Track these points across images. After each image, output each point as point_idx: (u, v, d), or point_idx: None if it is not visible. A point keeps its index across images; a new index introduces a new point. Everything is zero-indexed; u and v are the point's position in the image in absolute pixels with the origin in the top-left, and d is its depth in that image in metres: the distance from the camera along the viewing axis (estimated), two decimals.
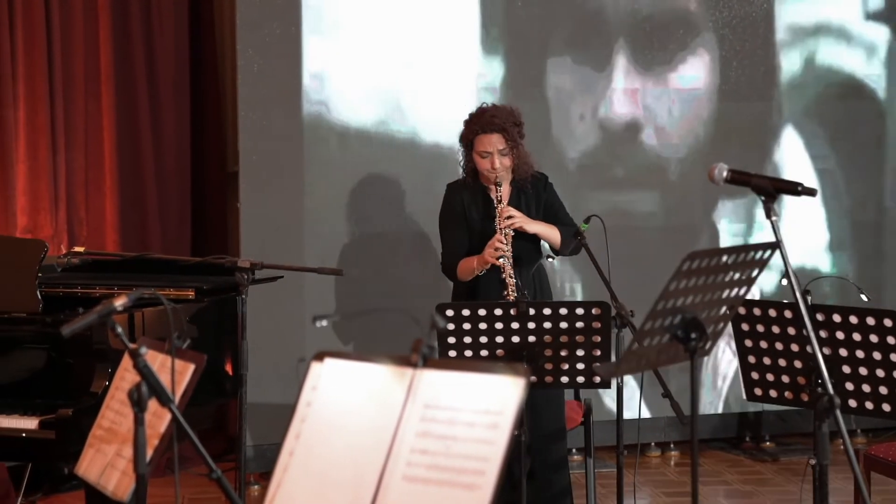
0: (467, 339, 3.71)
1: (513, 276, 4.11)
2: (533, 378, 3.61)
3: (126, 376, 2.64)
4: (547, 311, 3.69)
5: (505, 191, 4.32)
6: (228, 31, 6.00)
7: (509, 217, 4.18)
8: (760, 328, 3.31)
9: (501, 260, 4.12)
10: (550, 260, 4.22)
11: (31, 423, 3.49)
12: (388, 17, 5.66)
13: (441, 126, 5.73)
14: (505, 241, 4.14)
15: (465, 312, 3.70)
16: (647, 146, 6.01)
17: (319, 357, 2.16)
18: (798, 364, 3.27)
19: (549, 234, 4.27)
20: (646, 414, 5.70)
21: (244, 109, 5.47)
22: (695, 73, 6.05)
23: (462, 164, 4.39)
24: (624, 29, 5.94)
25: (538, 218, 4.31)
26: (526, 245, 4.27)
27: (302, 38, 5.53)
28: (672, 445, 6.05)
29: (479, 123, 4.28)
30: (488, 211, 4.29)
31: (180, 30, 6.04)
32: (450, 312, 3.71)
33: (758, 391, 3.37)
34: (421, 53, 5.71)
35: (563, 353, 3.70)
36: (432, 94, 5.71)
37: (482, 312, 3.70)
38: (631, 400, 3.99)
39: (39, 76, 5.46)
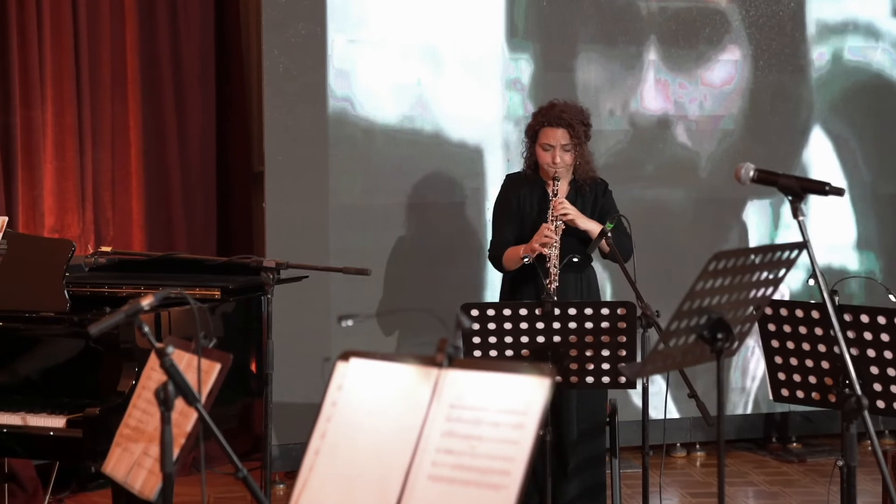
0: (492, 339, 3.71)
1: (557, 265, 4.10)
2: (558, 378, 3.61)
3: (153, 375, 2.66)
4: (572, 312, 3.68)
5: (563, 189, 4.32)
6: (254, 31, 6.02)
7: (563, 210, 4.18)
8: (787, 328, 3.29)
9: (547, 249, 4.12)
10: (575, 260, 4.20)
11: (58, 422, 3.51)
12: (413, 15, 5.66)
13: (467, 123, 5.74)
14: (554, 231, 4.14)
15: (491, 312, 3.70)
16: (678, 142, 5.99)
17: (345, 357, 2.16)
18: (825, 365, 3.24)
19: (595, 233, 4.20)
20: (671, 414, 5.68)
21: (269, 109, 5.49)
22: (724, 70, 6.02)
23: (524, 155, 4.39)
24: (654, 26, 5.92)
25: None
26: (576, 245, 4.23)
27: (327, 37, 5.54)
28: (698, 446, 6.02)
29: (546, 116, 4.30)
30: (544, 205, 4.27)
31: (206, 31, 6.06)
32: (475, 312, 3.71)
33: (784, 392, 3.35)
34: (446, 50, 5.71)
35: (588, 354, 3.69)
36: (458, 92, 5.71)
37: (507, 312, 3.70)
38: (656, 400, 3.98)
39: (67, 78, 5.50)
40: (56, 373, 3.69)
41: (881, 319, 3.18)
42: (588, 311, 3.68)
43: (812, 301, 3.28)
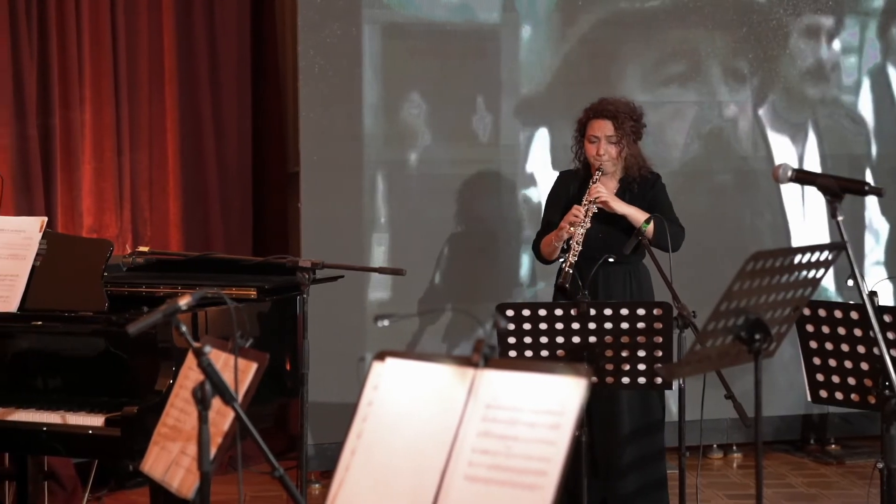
0: (528, 340, 3.70)
1: (580, 243, 4.10)
2: (594, 379, 3.60)
3: (190, 375, 2.67)
4: (608, 312, 3.66)
5: (611, 186, 4.32)
6: (290, 31, 6.04)
7: (596, 192, 4.18)
8: (826, 329, 3.26)
9: (572, 228, 4.11)
10: (611, 261, 4.17)
11: (97, 421, 3.53)
12: (450, 13, 5.66)
13: (505, 123, 5.73)
14: (583, 213, 4.14)
15: (526, 312, 3.69)
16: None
17: (381, 357, 2.17)
18: (864, 366, 3.21)
19: (639, 218, 4.20)
20: (708, 415, 5.64)
21: (305, 110, 5.50)
22: None
23: (574, 150, 4.40)
24: None
25: None
26: (620, 239, 4.20)
27: (363, 38, 5.55)
28: (735, 447, 5.98)
29: (593, 109, 4.34)
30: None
31: (242, 31, 6.09)
32: (510, 312, 3.70)
33: (823, 393, 3.32)
34: (484, 48, 5.71)
35: (624, 354, 3.68)
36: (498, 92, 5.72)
37: (543, 313, 3.69)
38: (693, 401, 3.95)
39: (105, 78, 5.54)
40: (95, 372, 3.72)
41: None
42: (624, 311, 3.66)
43: (851, 303, 3.25)
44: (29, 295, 3.81)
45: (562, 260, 4.19)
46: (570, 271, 4.09)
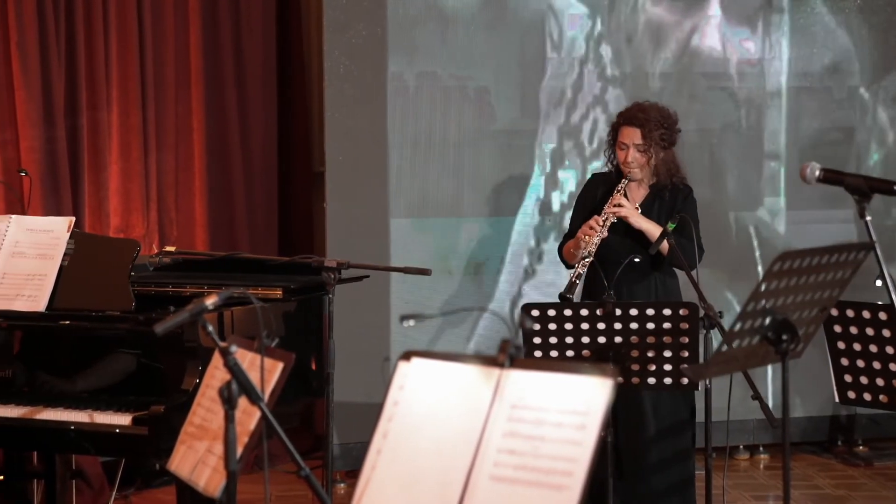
0: (553, 340, 3.69)
1: (592, 254, 4.07)
2: (619, 379, 3.58)
3: (216, 374, 2.68)
4: (634, 312, 3.65)
5: (641, 192, 4.29)
6: (315, 33, 6.06)
7: (617, 202, 4.16)
8: (854, 330, 3.24)
9: (588, 238, 4.09)
10: (637, 261, 4.15)
11: (124, 420, 3.55)
12: (474, 14, 5.66)
13: (531, 124, 5.73)
14: (602, 223, 4.11)
15: (551, 313, 3.69)
16: None
17: (407, 357, 2.17)
18: (893, 367, 3.18)
19: (656, 235, 4.11)
20: (734, 416, 5.61)
21: (330, 110, 5.52)
22: None
23: (607, 153, 4.38)
24: None
25: None
26: (635, 248, 4.16)
27: (388, 39, 5.55)
28: (761, 448, 5.95)
29: (624, 115, 4.31)
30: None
31: (268, 33, 6.11)
32: (535, 313, 3.69)
33: (851, 394, 3.30)
34: (510, 48, 5.70)
35: (650, 355, 3.66)
36: (521, 90, 5.72)
37: (568, 313, 3.68)
38: (719, 401, 3.93)
39: (132, 80, 5.57)
40: (122, 371, 3.74)
41: None
42: (650, 311, 3.65)
43: (879, 303, 3.22)
44: (57, 294, 3.83)
45: (573, 267, 4.13)
46: (576, 282, 4.02)
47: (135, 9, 5.57)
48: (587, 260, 4.09)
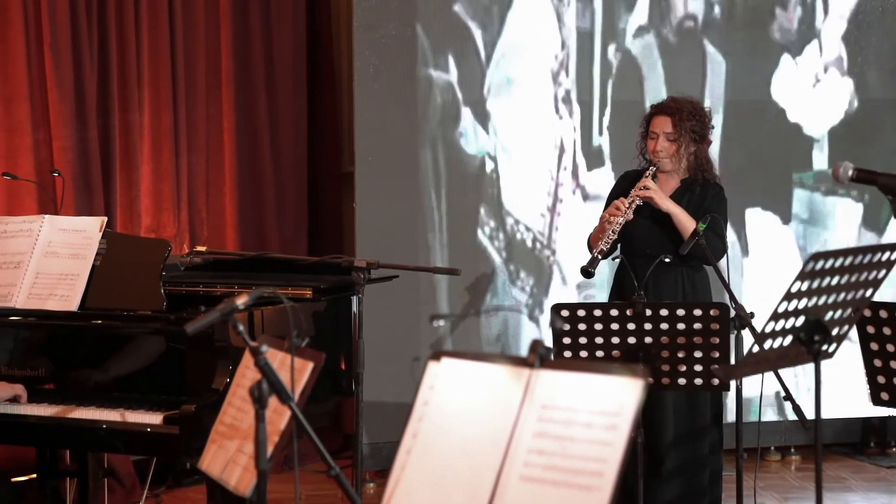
0: (583, 340, 3.68)
1: (615, 232, 4.08)
2: (650, 379, 3.56)
3: (247, 374, 2.69)
4: (664, 312, 3.63)
5: (671, 185, 4.28)
6: (345, 33, 6.07)
7: (643, 185, 4.15)
8: (887, 331, 3.20)
9: (613, 219, 4.09)
10: (667, 261, 4.13)
11: (155, 419, 3.56)
12: (505, 12, 5.66)
13: (559, 123, 5.72)
14: (626, 205, 4.11)
15: (581, 313, 3.68)
16: None
17: (437, 357, 2.17)
18: None
19: (683, 220, 4.12)
20: (766, 417, 5.58)
21: (360, 110, 5.53)
22: None
23: (639, 147, 4.37)
24: None
25: None
26: (667, 245, 4.16)
27: (418, 38, 5.56)
28: (793, 450, 5.91)
29: (656, 105, 4.34)
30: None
31: (298, 33, 6.14)
32: (565, 313, 3.68)
33: (884, 395, 3.27)
34: (538, 45, 5.69)
35: (680, 355, 3.64)
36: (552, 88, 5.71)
37: (598, 313, 3.67)
38: (750, 402, 3.91)
39: (163, 81, 5.61)
40: (153, 370, 3.76)
41: None
42: (680, 311, 3.63)
43: None
44: (89, 294, 3.86)
45: (596, 248, 4.13)
46: (599, 257, 4.06)
47: (166, 10, 5.61)
48: (612, 237, 4.08)
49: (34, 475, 4.36)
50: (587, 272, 4.05)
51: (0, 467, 4.73)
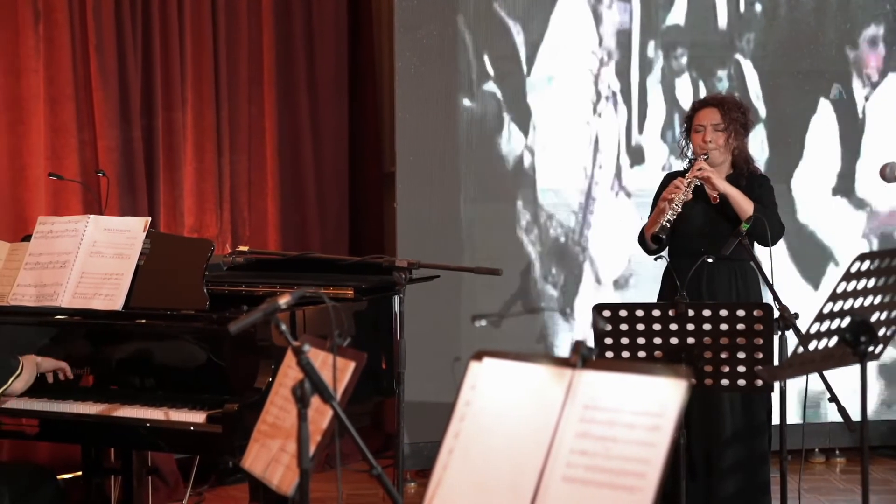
0: (625, 340, 3.66)
1: (679, 204, 4.07)
2: (692, 380, 3.54)
3: (289, 373, 2.69)
4: (707, 313, 3.61)
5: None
6: (386, 33, 6.08)
7: (699, 166, 4.13)
8: None
9: (674, 196, 4.08)
10: (710, 261, 4.09)
11: (198, 417, 3.58)
12: (546, 11, 5.64)
13: (605, 123, 5.69)
14: (685, 184, 4.10)
15: (623, 313, 3.66)
16: None
17: (478, 356, 2.16)
18: None
19: (741, 202, 4.13)
20: (810, 419, 5.53)
21: (401, 110, 5.54)
22: None
23: (681, 146, 4.36)
24: None
25: None
26: (722, 233, 4.13)
27: (458, 39, 5.56)
28: (837, 452, 5.85)
29: (700, 100, 4.35)
30: (698, 198, 4.20)
31: (340, 34, 6.16)
32: (607, 313, 3.67)
33: None
34: (578, 44, 5.67)
35: (723, 356, 3.61)
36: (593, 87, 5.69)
37: (640, 313, 3.65)
38: (795, 404, 3.87)
39: (206, 81, 5.64)
40: (196, 369, 3.78)
41: None
42: (723, 312, 3.60)
43: None
44: (133, 293, 3.89)
45: (658, 223, 4.13)
46: (668, 225, 4.08)
47: (209, 11, 5.65)
48: (677, 210, 4.09)
49: (79, 473, 4.41)
50: (658, 238, 4.10)
51: (47, 465, 4.78)
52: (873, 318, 2.71)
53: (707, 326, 3.61)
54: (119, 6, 5.29)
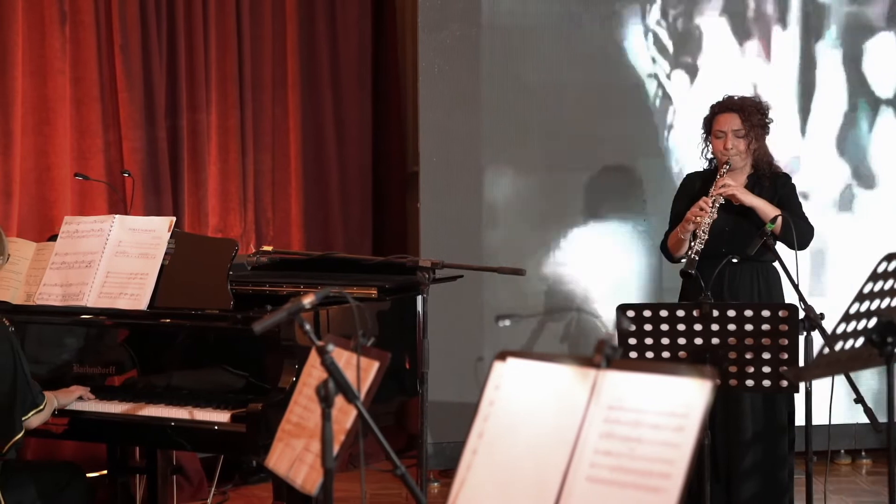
0: (649, 341, 3.65)
1: (706, 232, 4.04)
2: (717, 381, 3.52)
3: (313, 373, 2.70)
4: (732, 313, 3.59)
5: (740, 181, 4.25)
6: (410, 33, 6.09)
7: (722, 183, 4.11)
8: None
9: (698, 219, 4.05)
10: (735, 261, 4.07)
11: (223, 417, 3.59)
12: (570, 17, 5.63)
13: (626, 122, 5.68)
14: (710, 203, 4.07)
15: (647, 313, 3.64)
16: None
17: (502, 356, 2.16)
18: None
19: (768, 212, 4.10)
20: (836, 420, 5.48)
21: (425, 110, 5.54)
22: None
23: (702, 150, 4.34)
24: None
25: None
26: (746, 235, 4.10)
27: (481, 39, 5.55)
28: (863, 453, 5.81)
29: (719, 104, 4.29)
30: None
31: (363, 34, 6.17)
32: (631, 313, 3.65)
33: None
34: (609, 49, 5.66)
35: (748, 356, 3.60)
36: (615, 90, 5.68)
37: (664, 313, 3.63)
38: (820, 404, 3.85)
39: (230, 82, 5.67)
40: (220, 369, 3.79)
41: None
42: (748, 312, 3.58)
43: None
44: (158, 293, 3.91)
45: (687, 249, 4.12)
46: (696, 258, 4.01)
47: (233, 12, 5.67)
48: (703, 237, 4.04)
49: (105, 472, 4.43)
50: (687, 273, 4.03)
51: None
52: None
53: (732, 327, 3.59)
54: (144, 8, 5.32)
